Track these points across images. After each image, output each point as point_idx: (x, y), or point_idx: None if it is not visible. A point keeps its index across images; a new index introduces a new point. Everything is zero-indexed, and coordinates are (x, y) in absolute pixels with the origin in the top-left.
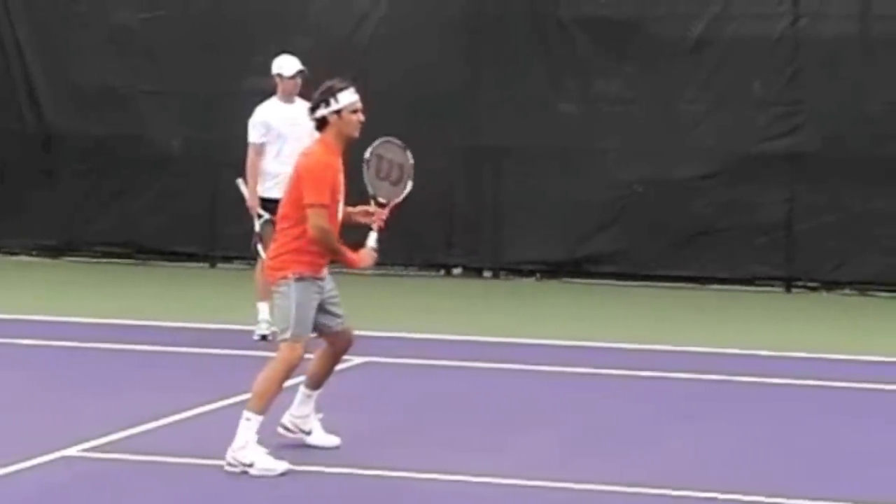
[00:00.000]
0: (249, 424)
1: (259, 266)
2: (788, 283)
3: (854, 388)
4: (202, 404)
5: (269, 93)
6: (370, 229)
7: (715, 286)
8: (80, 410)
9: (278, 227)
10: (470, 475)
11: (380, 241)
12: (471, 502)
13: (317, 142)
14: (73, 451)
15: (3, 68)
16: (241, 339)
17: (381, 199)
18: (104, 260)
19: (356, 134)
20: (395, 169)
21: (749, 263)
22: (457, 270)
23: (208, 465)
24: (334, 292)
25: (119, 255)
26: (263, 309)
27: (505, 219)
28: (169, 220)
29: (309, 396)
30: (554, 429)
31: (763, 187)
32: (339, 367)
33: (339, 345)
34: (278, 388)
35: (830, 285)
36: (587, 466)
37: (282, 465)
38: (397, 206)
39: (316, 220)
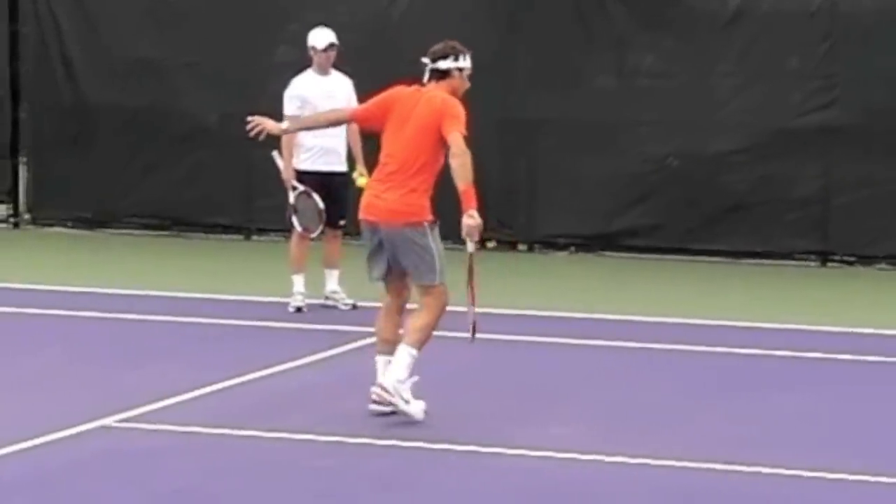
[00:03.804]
0: (412, 360)
1: (294, 238)
2: (824, 258)
3: (890, 362)
4: (237, 375)
5: (304, 65)
6: None
7: (750, 260)
8: (116, 381)
9: (392, 170)
10: (527, 449)
11: None
12: (531, 475)
13: (439, 89)
14: (109, 422)
15: (39, 40)
16: (276, 310)
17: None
18: (140, 232)
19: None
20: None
21: (784, 238)
22: (491, 244)
23: (243, 436)
24: None
25: (155, 227)
26: (298, 281)
27: (539, 192)
28: (204, 192)
29: (390, 363)
30: (591, 403)
31: (799, 161)
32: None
33: (403, 294)
34: (433, 330)
35: (866, 260)
36: (630, 440)
37: (421, 413)
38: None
39: (462, 144)
